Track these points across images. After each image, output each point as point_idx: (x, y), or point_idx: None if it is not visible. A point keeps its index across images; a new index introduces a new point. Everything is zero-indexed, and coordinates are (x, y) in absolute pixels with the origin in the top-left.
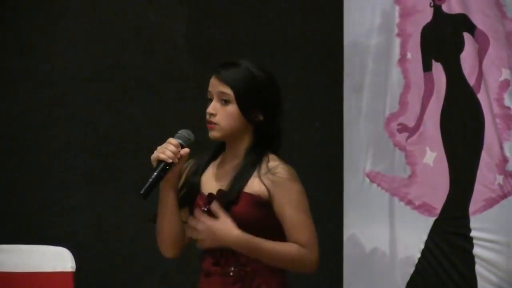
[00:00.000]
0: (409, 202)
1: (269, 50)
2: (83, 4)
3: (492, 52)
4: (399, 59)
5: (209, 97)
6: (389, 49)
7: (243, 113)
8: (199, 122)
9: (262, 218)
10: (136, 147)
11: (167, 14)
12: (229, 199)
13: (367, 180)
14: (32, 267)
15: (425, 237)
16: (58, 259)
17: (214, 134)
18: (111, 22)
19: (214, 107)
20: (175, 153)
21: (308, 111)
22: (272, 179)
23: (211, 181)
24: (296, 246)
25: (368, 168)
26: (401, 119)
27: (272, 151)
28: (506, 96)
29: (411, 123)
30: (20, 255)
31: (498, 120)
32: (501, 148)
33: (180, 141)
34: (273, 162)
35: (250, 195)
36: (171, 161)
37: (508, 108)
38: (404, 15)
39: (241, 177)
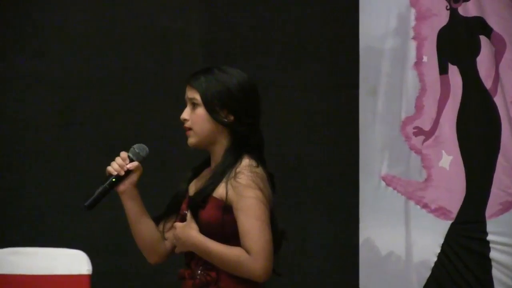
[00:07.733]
0: (425, 206)
1: (284, 53)
2: (93, 7)
3: (509, 55)
4: (415, 62)
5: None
6: (405, 52)
7: (210, 114)
8: None
9: (227, 223)
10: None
11: (180, 17)
12: (196, 203)
13: (383, 183)
14: (48, 269)
15: (441, 240)
16: (74, 261)
17: (190, 140)
18: (124, 26)
19: (186, 112)
20: (121, 166)
21: (324, 114)
22: (233, 184)
23: (195, 186)
24: (241, 251)
25: (383, 171)
26: (417, 122)
27: (249, 152)
28: None
29: (427, 127)
30: (36, 257)
31: None
32: None
33: (130, 154)
34: (242, 167)
35: (216, 199)
36: (116, 173)
37: None
38: (420, 18)
39: (212, 180)
